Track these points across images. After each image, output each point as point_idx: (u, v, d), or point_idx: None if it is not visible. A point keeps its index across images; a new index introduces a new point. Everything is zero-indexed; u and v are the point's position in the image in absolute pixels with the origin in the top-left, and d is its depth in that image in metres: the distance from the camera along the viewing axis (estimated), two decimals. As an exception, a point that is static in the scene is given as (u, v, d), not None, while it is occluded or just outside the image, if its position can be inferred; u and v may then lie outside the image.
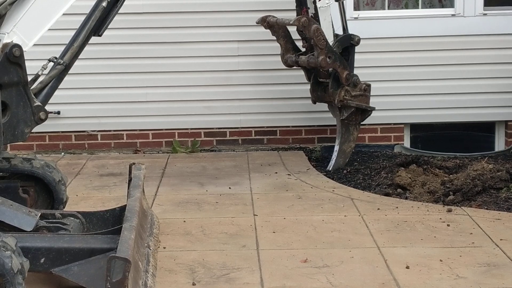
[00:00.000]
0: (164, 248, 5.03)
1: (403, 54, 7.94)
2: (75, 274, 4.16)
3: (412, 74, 7.97)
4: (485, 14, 7.88)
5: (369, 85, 7.15)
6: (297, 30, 7.04)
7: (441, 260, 4.79)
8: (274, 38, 7.24)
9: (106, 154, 7.97)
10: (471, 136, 8.28)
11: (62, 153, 7.95)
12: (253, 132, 8.13)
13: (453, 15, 7.93)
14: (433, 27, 7.90)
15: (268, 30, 7.20)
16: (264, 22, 7.14)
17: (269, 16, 7.13)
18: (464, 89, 8.00)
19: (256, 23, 7.22)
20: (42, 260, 4.20)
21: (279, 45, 7.25)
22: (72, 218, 4.71)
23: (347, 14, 7.37)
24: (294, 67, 7.28)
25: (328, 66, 6.86)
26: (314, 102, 7.36)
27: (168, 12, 7.87)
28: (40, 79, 4.72)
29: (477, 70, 7.97)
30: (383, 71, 7.90)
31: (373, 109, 7.24)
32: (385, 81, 7.87)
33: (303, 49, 7.21)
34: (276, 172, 7.10)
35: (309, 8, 6.98)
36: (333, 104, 7.17)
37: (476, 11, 7.86)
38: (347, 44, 7.06)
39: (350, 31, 7.11)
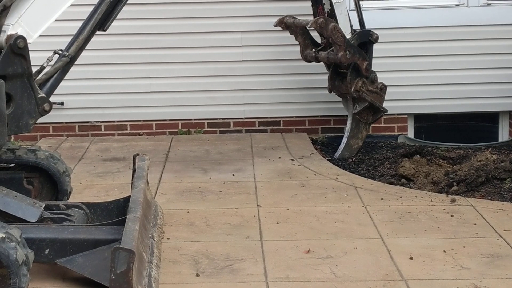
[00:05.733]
0: (168, 239, 5.03)
1: (406, 44, 7.94)
2: (80, 265, 4.18)
3: (415, 64, 7.96)
4: (489, 4, 7.87)
5: (385, 86, 7.16)
6: (316, 30, 7.02)
7: (444, 251, 4.79)
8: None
9: (109, 137, 8.00)
10: (475, 126, 8.27)
11: (65, 137, 7.97)
12: (256, 122, 8.13)
13: (457, 5, 7.92)
14: (437, 17, 7.89)
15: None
16: (282, 23, 7.14)
17: (286, 17, 7.13)
18: (468, 79, 8.00)
19: (274, 25, 7.20)
20: (47, 251, 4.22)
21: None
22: (77, 209, 4.72)
23: (351, 5, 7.35)
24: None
25: (347, 60, 6.85)
26: (330, 91, 7.34)
27: (172, 3, 7.87)
28: (45, 70, 4.73)
29: (481, 60, 7.96)
30: (387, 61, 7.87)
31: (386, 111, 7.25)
32: (389, 72, 7.84)
33: (322, 45, 7.20)
34: (280, 157, 7.09)
35: (324, 4, 6.96)
36: (348, 96, 7.17)
37: (480, 1, 7.85)
38: (365, 40, 7.06)
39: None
